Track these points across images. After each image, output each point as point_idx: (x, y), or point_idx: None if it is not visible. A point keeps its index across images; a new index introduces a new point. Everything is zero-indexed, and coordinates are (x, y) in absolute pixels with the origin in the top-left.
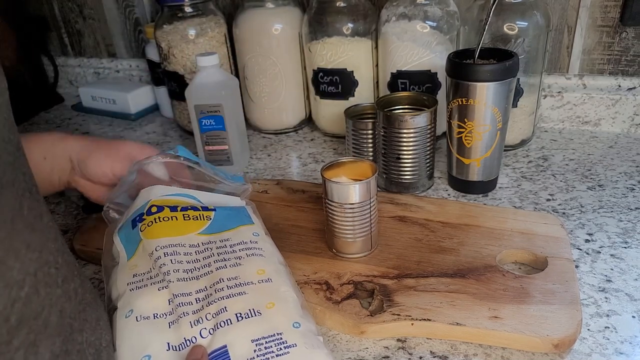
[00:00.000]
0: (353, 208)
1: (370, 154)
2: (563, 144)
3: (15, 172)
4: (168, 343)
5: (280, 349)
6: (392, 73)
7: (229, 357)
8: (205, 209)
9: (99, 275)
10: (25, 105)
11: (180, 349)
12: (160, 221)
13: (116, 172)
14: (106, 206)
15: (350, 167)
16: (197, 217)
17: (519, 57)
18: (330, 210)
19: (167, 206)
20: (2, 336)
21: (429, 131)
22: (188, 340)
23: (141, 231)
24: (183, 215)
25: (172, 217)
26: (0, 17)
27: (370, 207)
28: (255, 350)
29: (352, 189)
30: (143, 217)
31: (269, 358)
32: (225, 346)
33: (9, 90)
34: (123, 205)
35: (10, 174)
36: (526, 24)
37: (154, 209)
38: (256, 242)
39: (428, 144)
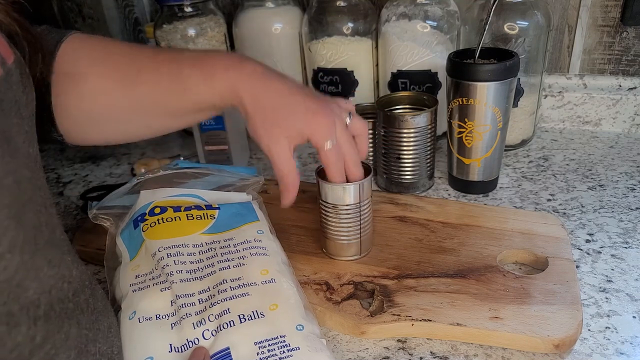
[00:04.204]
0: (348, 209)
1: (371, 154)
2: (564, 143)
3: (34, 188)
4: (170, 344)
5: (283, 352)
6: (392, 73)
7: (231, 359)
8: (209, 207)
9: (98, 275)
10: None
11: (183, 350)
12: (163, 222)
13: (266, 148)
14: (93, 213)
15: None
16: (200, 216)
17: (520, 57)
18: (324, 212)
19: (171, 207)
20: (22, 356)
21: (429, 131)
22: (190, 341)
23: (143, 231)
24: (187, 215)
25: (175, 218)
26: (35, 32)
27: (366, 209)
28: (258, 353)
29: (345, 190)
30: (145, 217)
31: None
32: (227, 348)
33: None
34: (115, 208)
35: (30, 191)
36: (527, 23)
37: (157, 210)
38: (260, 241)
39: (428, 143)
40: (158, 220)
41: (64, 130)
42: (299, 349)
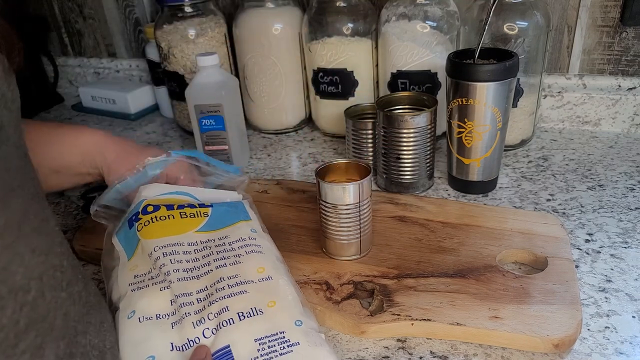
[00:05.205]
0: (348, 209)
1: (370, 154)
2: (563, 144)
3: (24, 177)
4: (172, 343)
5: (284, 347)
6: (392, 73)
7: (232, 356)
8: (202, 205)
9: (98, 275)
10: (25, 105)
11: (184, 349)
12: (157, 220)
13: None
14: (95, 210)
15: (345, 169)
16: (194, 214)
17: (519, 57)
18: (323, 212)
19: (163, 205)
20: (9, 339)
21: (429, 131)
22: (191, 340)
23: (138, 231)
24: (180, 213)
25: (168, 216)
26: (9, 25)
27: (365, 209)
28: (258, 350)
29: (345, 190)
30: (139, 217)
31: (272, 357)
32: (228, 346)
33: None
34: (112, 209)
35: (19, 179)
36: (526, 24)
37: (149, 209)
38: (254, 239)
39: (428, 144)
40: (152, 218)
41: None
42: (299, 344)
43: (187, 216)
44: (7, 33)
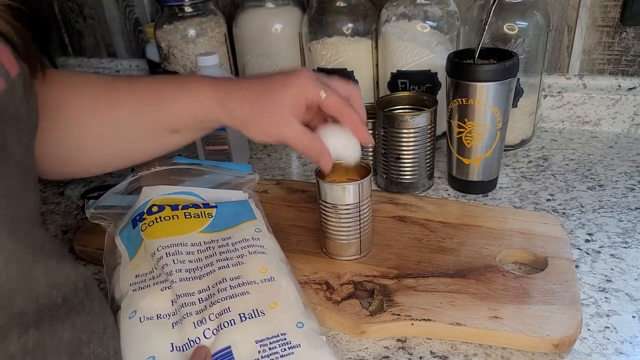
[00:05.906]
0: (348, 209)
1: (370, 154)
2: (563, 144)
3: (22, 197)
4: (172, 343)
5: (285, 349)
6: (392, 73)
7: (232, 357)
8: (207, 206)
9: (98, 275)
10: None
11: (185, 349)
12: (161, 221)
13: (277, 137)
14: (91, 212)
15: (345, 169)
16: (198, 215)
17: (519, 57)
18: (323, 212)
19: (168, 205)
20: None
21: (429, 131)
22: (192, 340)
23: (142, 231)
24: (184, 213)
25: (173, 216)
26: (28, 32)
27: (365, 209)
28: (259, 351)
29: (345, 190)
30: (144, 217)
31: (273, 359)
32: (229, 347)
33: None
34: (114, 208)
35: (18, 199)
36: (526, 24)
37: (154, 209)
38: (258, 239)
39: (428, 144)
40: (156, 219)
41: (37, 164)
42: (300, 346)
43: (191, 217)
44: (28, 42)
